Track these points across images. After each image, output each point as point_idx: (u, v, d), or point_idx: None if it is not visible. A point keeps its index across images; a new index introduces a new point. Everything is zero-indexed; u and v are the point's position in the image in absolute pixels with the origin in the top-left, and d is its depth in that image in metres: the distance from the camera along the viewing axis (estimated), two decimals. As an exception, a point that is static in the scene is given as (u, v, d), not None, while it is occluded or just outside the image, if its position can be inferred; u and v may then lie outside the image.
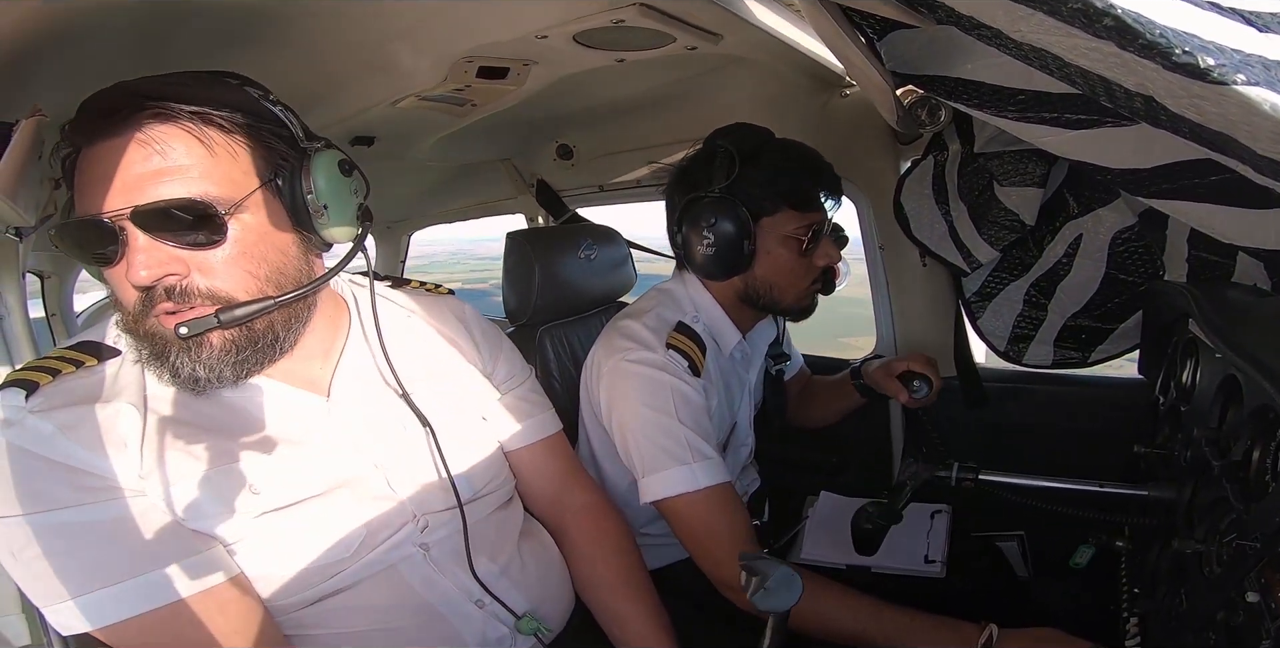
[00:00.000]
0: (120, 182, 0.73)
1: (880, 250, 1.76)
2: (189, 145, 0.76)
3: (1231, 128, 0.47)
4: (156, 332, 0.77)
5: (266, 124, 0.81)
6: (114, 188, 0.73)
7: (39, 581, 0.72)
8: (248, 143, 0.80)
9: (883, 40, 0.87)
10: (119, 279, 0.77)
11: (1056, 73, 0.56)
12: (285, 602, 0.83)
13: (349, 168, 0.86)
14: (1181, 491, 0.90)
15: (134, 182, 0.73)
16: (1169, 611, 0.83)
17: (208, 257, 0.77)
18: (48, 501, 0.72)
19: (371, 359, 0.96)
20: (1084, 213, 1.41)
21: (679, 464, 1.16)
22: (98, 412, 0.76)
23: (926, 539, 1.38)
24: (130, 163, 0.73)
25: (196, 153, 0.76)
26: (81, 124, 0.74)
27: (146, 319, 0.77)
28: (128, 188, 0.73)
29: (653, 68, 1.45)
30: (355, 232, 0.88)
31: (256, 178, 0.80)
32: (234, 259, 0.78)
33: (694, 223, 1.25)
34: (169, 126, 0.75)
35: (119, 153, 0.73)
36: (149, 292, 0.76)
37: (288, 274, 0.83)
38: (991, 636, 0.97)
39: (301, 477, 0.84)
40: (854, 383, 1.57)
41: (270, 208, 0.81)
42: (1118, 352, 1.52)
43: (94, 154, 0.75)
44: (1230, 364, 0.83)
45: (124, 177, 0.73)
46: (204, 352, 0.78)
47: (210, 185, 0.76)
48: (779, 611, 0.71)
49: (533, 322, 1.66)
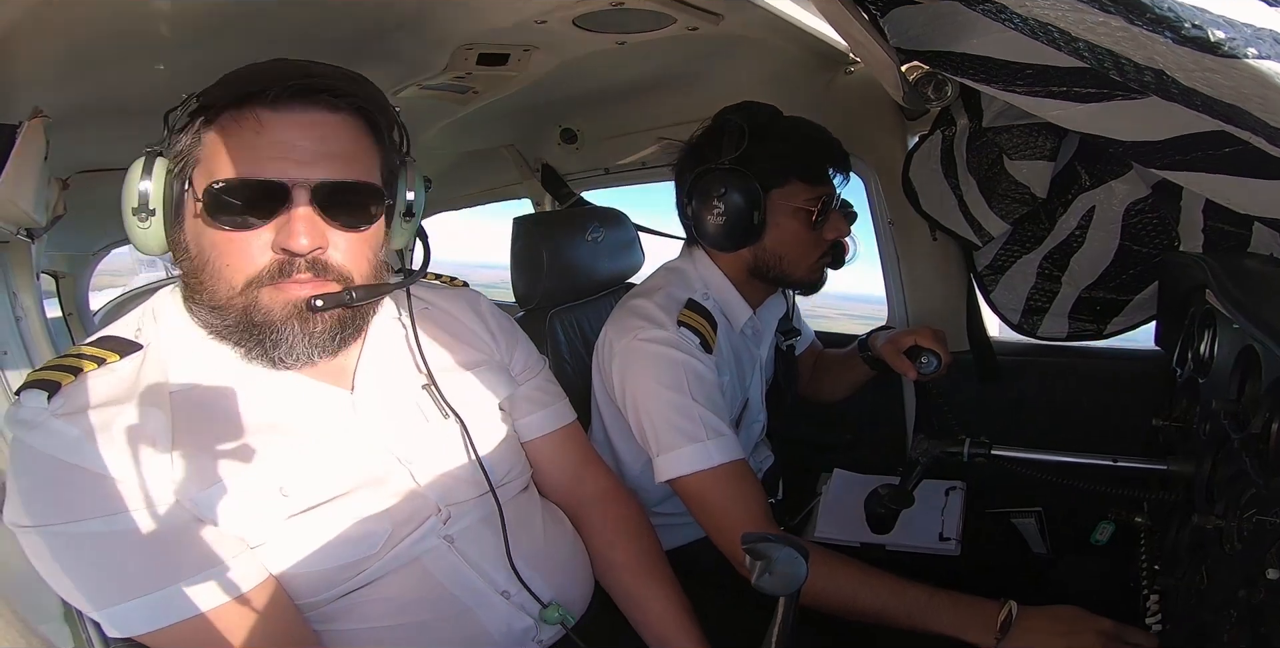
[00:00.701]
0: (302, 154, 0.78)
1: (890, 225, 1.74)
2: (360, 136, 0.83)
3: (1244, 101, 0.45)
4: (275, 303, 0.80)
5: (392, 131, 0.88)
6: (294, 159, 0.78)
7: (76, 589, 0.74)
8: (380, 144, 0.86)
9: (886, 17, 0.85)
10: (248, 244, 0.79)
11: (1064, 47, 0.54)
12: (311, 599, 0.84)
13: (428, 184, 0.94)
14: (1200, 465, 0.89)
15: (312, 158, 0.78)
16: (1189, 587, 0.82)
17: (349, 238, 0.82)
18: (78, 510, 0.72)
19: (391, 352, 0.96)
20: (1096, 185, 1.39)
21: (693, 442, 1.16)
22: (123, 413, 0.76)
23: (941, 517, 1.38)
24: (313, 139, 0.79)
25: (364, 144, 0.83)
26: (272, 89, 0.77)
27: (266, 289, 0.80)
28: (307, 162, 0.78)
29: (654, 50, 1.44)
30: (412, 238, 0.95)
31: (381, 176, 0.87)
32: (368, 244, 0.85)
33: (704, 194, 1.26)
34: (344, 116, 0.81)
35: (300, 128, 0.78)
36: (289, 261, 0.79)
37: (380, 269, 0.89)
38: (1011, 612, 0.97)
39: (329, 475, 0.84)
40: (861, 356, 1.56)
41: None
42: (1133, 323, 1.50)
43: (275, 121, 0.78)
44: (1248, 335, 0.82)
45: (309, 150, 0.78)
46: (318, 327, 0.83)
47: (374, 173, 0.84)
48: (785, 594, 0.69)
49: (542, 306, 1.67)
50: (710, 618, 1.05)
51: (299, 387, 0.87)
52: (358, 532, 0.85)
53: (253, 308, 0.80)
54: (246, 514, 0.78)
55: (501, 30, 1.26)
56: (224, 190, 0.77)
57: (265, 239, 0.78)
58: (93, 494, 0.73)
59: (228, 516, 0.78)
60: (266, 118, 0.77)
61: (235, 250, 0.79)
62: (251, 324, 0.81)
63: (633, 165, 2.20)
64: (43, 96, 0.80)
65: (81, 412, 0.75)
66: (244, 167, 0.77)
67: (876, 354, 1.50)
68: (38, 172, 1.00)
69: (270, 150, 0.78)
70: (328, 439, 0.86)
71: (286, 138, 0.78)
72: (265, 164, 0.77)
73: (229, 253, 0.79)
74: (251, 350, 0.82)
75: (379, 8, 1.18)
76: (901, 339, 1.42)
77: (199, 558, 0.75)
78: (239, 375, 0.84)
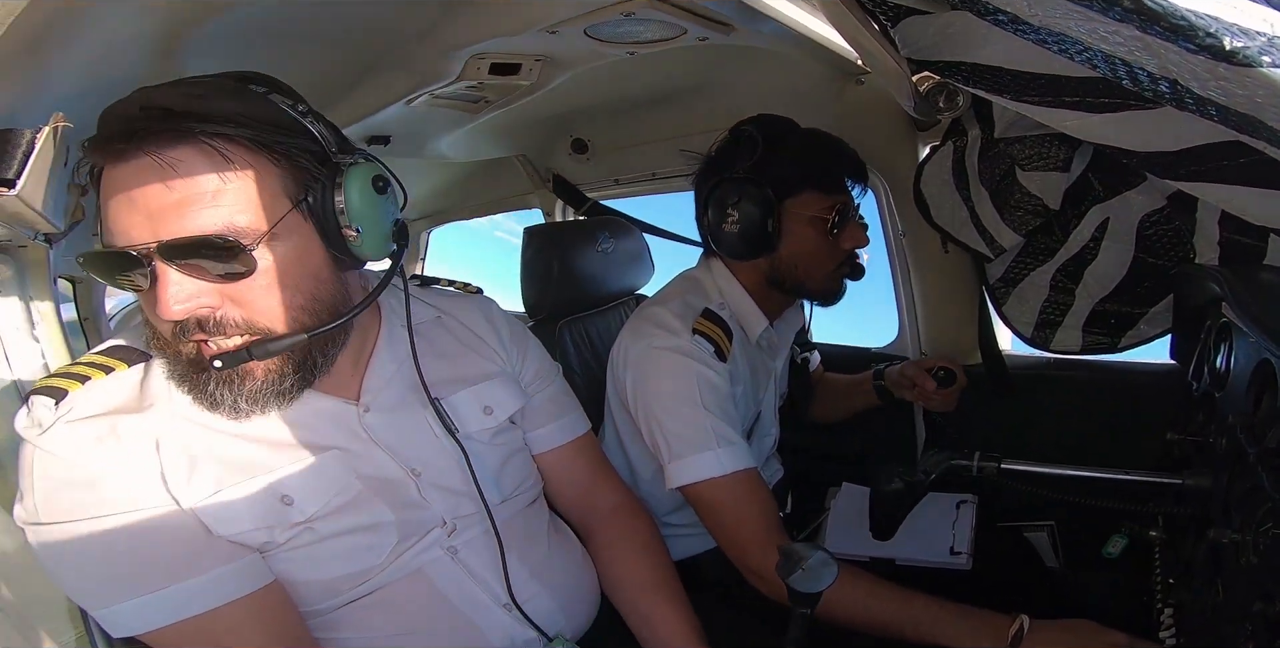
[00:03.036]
0: (145, 211, 0.70)
1: (901, 237, 1.74)
2: (212, 169, 0.71)
3: (1259, 110, 0.45)
4: (194, 358, 0.76)
5: (296, 138, 0.76)
6: (139, 218, 0.70)
7: (80, 586, 0.75)
8: (275, 160, 0.75)
9: (896, 27, 0.85)
10: (150, 306, 0.75)
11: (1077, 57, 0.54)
12: (315, 607, 0.84)
13: (384, 184, 0.81)
14: (1216, 479, 0.88)
15: (158, 212, 0.70)
16: (1205, 601, 0.81)
17: (240, 288, 0.73)
18: (85, 508, 0.73)
19: (400, 364, 0.94)
20: (1110, 196, 1.37)
21: (704, 450, 1.16)
22: (128, 421, 0.77)
23: (952, 531, 1.37)
24: (154, 190, 0.69)
25: (220, 178, 0.71)
26: (101, 142, 0.71)
27: (182, 344, 0.75)
28: (153, 218, 0.70)
29: (665, 60, 1.44)
30: (391, 249, 0.84)
31: (287, 199, 0.76)
32: (267, 289, 0.75)
33: (719, 203, 1.27)
34: (189, 148, 0.70)
35: (141, 177, 0.69)
36: (176, 325, 0.74)
37: (323, 300, 0.79)
38: (1022, 627, 0.96)
39: (333, 486, 0.84)
40: (875, 384, 1.58)
41: (302, 231, 0.77)
42: (1148, 337, 1.48)
43: (117, 176, 0.71)
44: (1265, 349, 0.81)
45: (148, 205, 0.70)
46: (246, 384, 0.77)
47: (237, 214, 0.72)
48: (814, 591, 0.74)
49: (552, 316, 1.67)
50: (716, 630, 1.04)
51: (304, 398, 0.85)
52: (362, 542, 0.85)
53: (183, 364, 0.76)
54: (249, 521, 0.78)
55: (514, 40, 1.27)
56: (89, 263, 0.73)
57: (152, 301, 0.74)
58: (99, 494, 0.73)
59: (231, 522, 0.78)
60: (109, 172, 0.71)
61: (148, 310, 0.76)
62: (187, 380, 0.77)
63: (643, 176, 2.21)
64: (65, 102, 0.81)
65: (88, 417, 0.76)
66: (107, 231, 0.72)
67: (889, 383, 1.54)
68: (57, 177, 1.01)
69: (117, 211, 0.71)
70: (333, 449, 0.85)
71: (128, 194, 0.70)
72: (116, 228, 0.71)
73: (146, 311, 0.77)
74: (201, 404, 0.78)
75: (394, 18, 1.20)
76: (923, 361, 1.49)
77: (200, 561, 0.76)
78: None
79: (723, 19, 1.24)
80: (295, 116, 0.77)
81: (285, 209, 0.75)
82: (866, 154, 1.36)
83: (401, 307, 0.98)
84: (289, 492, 0.81)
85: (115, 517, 0.73)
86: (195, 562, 0.75)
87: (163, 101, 0.71)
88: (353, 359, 0.91)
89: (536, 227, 1.75)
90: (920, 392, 1.48)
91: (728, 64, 1.62)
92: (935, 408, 1.52)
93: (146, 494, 0.75)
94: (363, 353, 0.92)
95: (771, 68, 1.60)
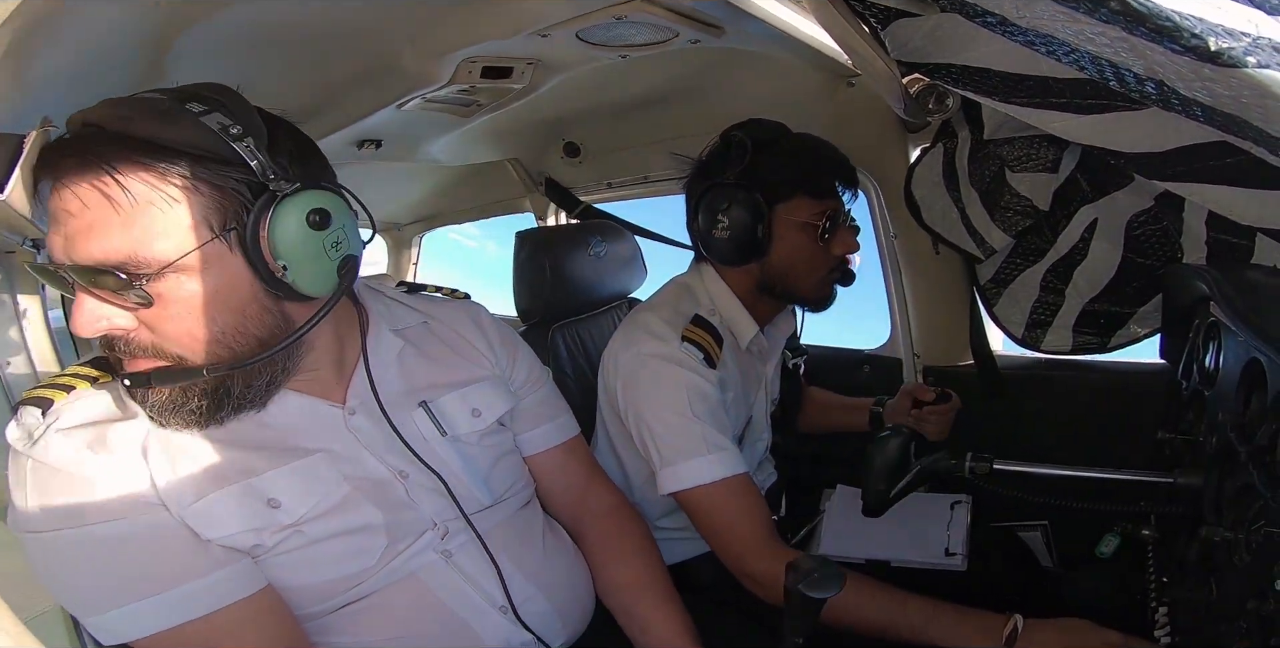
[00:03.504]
0: (62, 232, 0.69)
1: (893, 239, 1.75)
2: (109, 199, 0.68)
3: (1244, 110, 0.46)
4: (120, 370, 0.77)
5: (223, 165, 0.72)
6: (58, 238, 0.70)
7: (73, 594, 0.74)
8: (194, 188, 0.71)
9: (886, 29, 0.86)
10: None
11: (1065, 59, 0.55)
12: (309, 611, 0.83)
13: (321, 219, 0.75)
14: (1208, 477, 0.88)
15: (71, 234, 0.69)
16: (1198, 600, 0.81)
17: (151, 315, 0.72)
18: (76, 516, 0.72)
19: (388, 368, 0.95)
20: (1099, 197, 1.38)
21: (695, 456, 1.16)
22: (114, 429, 0.77)
23: (947, 531, 1.37)
24: (71, 211, 0.69)
25: (131, 205, 0.68)
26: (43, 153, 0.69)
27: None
28: (67, 239, 0.69)
29: (657, 63, 1.45)
30: (332, 285, 0.79)
31: (207, 229, 0.72)
32: (175, 319, 0.72)
33: (709, 209, 1.27)
34: (106, 173, 0.68)
35: (63, 197, 0.69)
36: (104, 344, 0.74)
37: (248, 332, 0.76)
38: (1017, 627, 0.96)
39: (320, 488, 0.83)
40: (872, 409, 1.61)
41: (224, 263, 0.73)
42: (1138, 336, 1.50)
43: (52, 190, 0.70)
44: (1253, 347, 0.81)
45: (65, 226, 0.69)
46: (152, 398, 0.75)
47: (147, 242, 0.69)
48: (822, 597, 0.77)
49: (545, 320, 1.67)
50: (710, 634, 1.04)
51: (288, 403, 0.86)
52: (353, 545, 0.85)
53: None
54: (236, 525, 0.78)
55: (505, 43, 1.27)
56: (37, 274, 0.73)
57: None
58: (88, 501, 0.73)
59: (218, 526, 0.77)
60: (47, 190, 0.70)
61: None
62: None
63: (636, 179, 2.21)
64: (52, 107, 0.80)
65: (75, 426, 0.76)
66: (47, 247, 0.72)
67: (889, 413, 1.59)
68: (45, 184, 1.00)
69: (50, 224, 0.71)
70: (320, 453, 0.85)
71: (53, 211, 0.70)
72: (49, 243, 0.71)
73: None
74: None
75: (385, 22, 1.20)
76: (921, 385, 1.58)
77: (192, 566, 0.75)
78: None
79: (714, 22, 1.24)
80: (226, 140, 0.71)
81: (204, 239, 0.72)
82: (857, 156, 1.36)
83: (389, 310, 0.99)
84: (276, 495, 0.80)
85: (107, 524, 0.73)
86: (187, 568, 0.75)
87: (95, 119, 0.70)
88: (337, 363, 0.90)
89: (528, 231, 1.75)
90: (916, 415, 1.51)
91: (719, 67, 1.63)
92: (929, 434, 1.54)
93: (137, 501, 0.75)
94: (349, 357, 0.92)
95: (763, 71, 1.61)
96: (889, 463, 1.03)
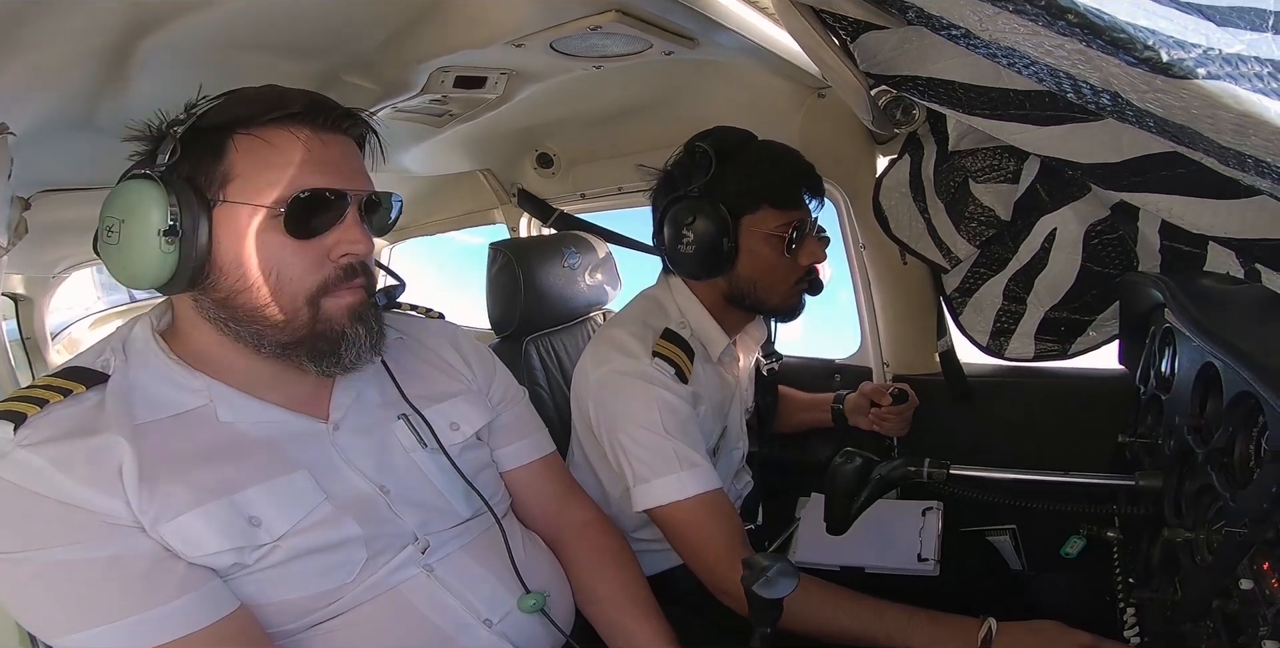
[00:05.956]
0: (347, 169, 0.85)
1: (861, 249, 1.77)
2: (366, 154, 0.91)
3: (1194, 121, 0.47)
4: (337, 310, 0.85)
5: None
6: (343, 173, 0.84)
7: (37, 617, 0.72)
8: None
9: (855, 41, 0.88)
10: (310, 254, 0.83)
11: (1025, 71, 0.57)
12: (286, 627, 0.81)
13: None
14: (1167, 479, 0.91)
15: (352, 174, 0.86)
16: (1165, 600, 0.83)
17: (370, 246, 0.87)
18: (42, 538, 0.70)
19: (367, 382, 0.95)
20: (1057, 207, 1.42)
21: (667, 473, 1.16)
22: (88, 444, 0.74)
23: (919, 538, 1.39)
24: (349, 156, 0.87)
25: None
26: (296, 113, 0.82)
27: (327, 299, 0.84)
28: (354, 176, 0.86)
29: (630, 74, 1.46)
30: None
31: None
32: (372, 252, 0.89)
33: (674, 223, 1.27)
34: (357, 135, 0.89)
35: (338, 148, 0.85)
36: (349, 268, 0.84)
37: None
38: (990, 629, 0.97)
39: (301, 505, 0.82)
40: (833, 406, 1.66)
41: None
42: (1097, 343, 1.54)
43: (315, 142, 0.83)
44: (1207, 352, 0.84)
45: (348, 165, 0.85)
46: (374, 327, 0.88)
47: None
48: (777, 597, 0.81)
49: (518, 332, 1.66)
50: (690, 643, 1.04)
51: (268, 417, 0.85)
52: (332, 560, 0.83)
53: (319, 319, 0.84)
54: (216, 543, 0.76)
55: (479, 53, 1.27)
56: (308, 201, 0.81)
57: (323, 249, 0.83)
58: (57, 523, 0.71)
59: (195, 545, 0.75)
60: (308, 137, 0.82)
61: (299, 262, 0.82)
62: (320, 336, 0.84)
63: (610, 190, 2.21)
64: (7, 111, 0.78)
65: (46, 442, 0.73)
66: (307, 179, 0.81)
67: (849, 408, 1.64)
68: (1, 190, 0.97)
69: (324, 166, 0.83)
70: (301, 468, 0.84)
71: (330, 157, 0.84)
72: (326, 178, 0.82)
73: (294, 265, 0.82)
74: (321, 361, 0.85)
75: (356, 30, 1.19)
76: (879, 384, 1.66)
77: (165, 588, 0.73)
78: (208, 406, 0.83)
79: (688, 34, 1.26)
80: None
81: None
82: (827, 167, 1.38)
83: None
84: (257, 513, 0.79)
85: (76, 544, 0.71)
86: (153, 591, 0.73)
87: (325, 101, 0.86)
88: (318, 378, 0.90)
89: (502, 242, 1.74)
90: (875, 414, 1.55)
91: (693, 78, 1.64)
92: (890, 432, 1.56)
93: (104, 522, 0.72)
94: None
95: (735, 81, 1.63)
96: (846, 488, 1.06)
